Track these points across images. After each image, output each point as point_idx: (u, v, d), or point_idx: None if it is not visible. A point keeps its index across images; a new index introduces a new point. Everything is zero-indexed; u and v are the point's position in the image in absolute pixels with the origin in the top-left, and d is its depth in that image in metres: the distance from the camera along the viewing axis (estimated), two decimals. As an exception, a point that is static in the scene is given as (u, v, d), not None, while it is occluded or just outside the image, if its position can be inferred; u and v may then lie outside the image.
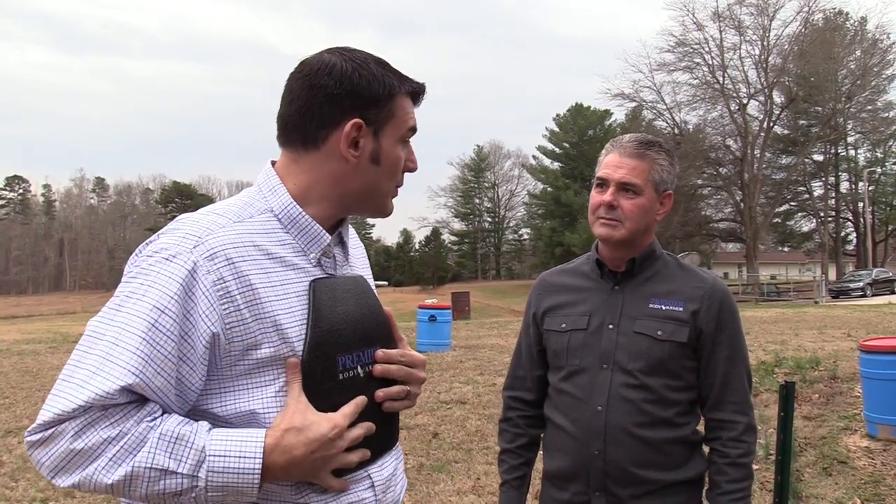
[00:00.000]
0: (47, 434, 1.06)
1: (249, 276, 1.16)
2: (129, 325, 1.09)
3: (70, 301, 72.47)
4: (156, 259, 1.14)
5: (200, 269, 1.12)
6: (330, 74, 1.23)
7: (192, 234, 1.16)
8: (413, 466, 5.84)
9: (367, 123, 1.25)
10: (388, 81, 1.26)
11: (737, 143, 48.08)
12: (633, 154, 1.88)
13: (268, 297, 1.17)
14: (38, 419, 1.08)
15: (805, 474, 5.35)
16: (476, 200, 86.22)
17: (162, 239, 1.17)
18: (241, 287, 1.15)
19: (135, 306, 1.10)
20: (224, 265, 1.14)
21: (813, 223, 56.36)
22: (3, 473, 6.05)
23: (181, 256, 1.13)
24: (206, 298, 1.12)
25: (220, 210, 1.25)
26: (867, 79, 45.12)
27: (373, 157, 1.26)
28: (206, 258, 1.13)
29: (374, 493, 1.27)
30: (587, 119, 67.62)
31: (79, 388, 1.06)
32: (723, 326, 1.88)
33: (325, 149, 1.25)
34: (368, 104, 1.24)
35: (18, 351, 16.29)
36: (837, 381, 8.45)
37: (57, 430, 1.06)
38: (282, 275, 1.21)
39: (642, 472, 1.82)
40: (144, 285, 1.12)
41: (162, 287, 1.11)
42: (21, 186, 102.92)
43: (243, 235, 1.19)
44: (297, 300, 1.21)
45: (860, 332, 13.11)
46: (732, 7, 45.54)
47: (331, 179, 1.27)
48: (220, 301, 1.13)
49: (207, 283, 1.12)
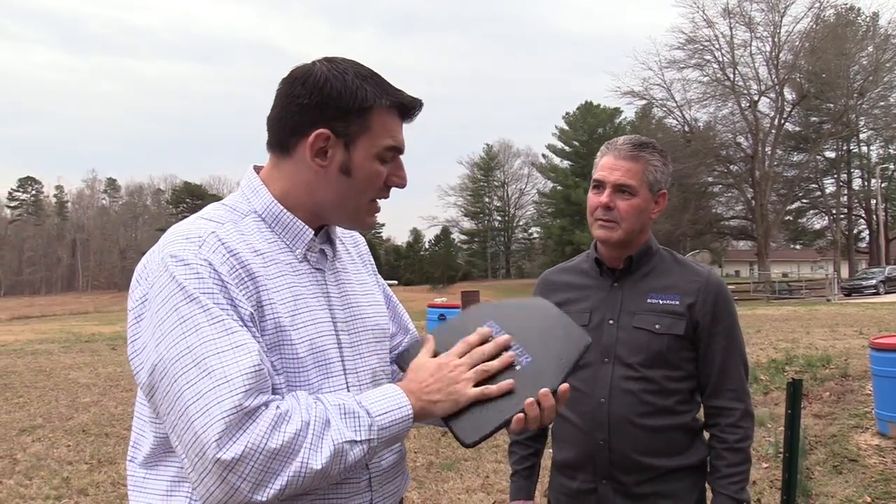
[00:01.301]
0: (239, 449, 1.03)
1: (250, 266, 1.21)
2: (209, 321, 1.11)
3: (83, 301, 72.96)
4: (178, 270, 1.15)
5: (214, 262, 1.17)
6: (304, 84, 1.25)
7: (192, 237, 1.20)
8: (422, 464, 5.86)
9: (337, 135, 1.25)
10: (363, 94, 1.25)
11: (748, 141, 47.83)
12: (628, 156, 1.94)
13: (266, 287, 1.22)
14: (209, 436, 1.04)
15: (815, 472, 5.34)
16: (486, 199, 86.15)
17: (166, 253, 1.18)
18: (248, 274, 1.20)
19: (195, 308, 1.12)
20: (230, 256, 1.19)
21: (825, 220, 56.07)
22: (17, 472, 6.12)
23: (194, 258, 1.16)
24: (231, 285, 1.17)
25: (208, 215, 1.28)
26: (879, 75, 44.72)
27: (343, 168, 1.27)
28: (213, 252, 1.18)
29: (370, 484, 1.29)
30: (597, 117, 67.39)
31: (226, 384, 1.06)
32: (718, 318, 1.94)
33: (295, 156, 1.28)
34: (336, 115, 1.24)
35: (32, 351, 16.43)
36: (848, 379, 8.42)
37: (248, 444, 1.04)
38: (272, 268, 1.25)
39: (646, 459, 1.88)
40: (186, 291, 1.13)
41: (203, 288, 1.14)
42: (34, 188, 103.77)
43: (233, 234, 1.24)
44: (287, 292, 1.25)
45: (872, 330, 13.04)
46: (743, 3, 45.36)
47: (305, 187, 1.29)
48: (240, 286, 1.18)
49: (225, 272, 1.17)
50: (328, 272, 1.35)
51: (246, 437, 1.05)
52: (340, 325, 1.31)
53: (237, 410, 1.05)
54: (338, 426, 1.13)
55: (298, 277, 1.28)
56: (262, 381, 1.10)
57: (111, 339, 19.64)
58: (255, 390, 1.08)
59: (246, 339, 1.12)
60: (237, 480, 1.05)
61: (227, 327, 1.12)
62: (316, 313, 1.27)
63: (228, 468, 1.04)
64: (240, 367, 1.08)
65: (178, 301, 1.13)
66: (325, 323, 1.28)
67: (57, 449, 6.91)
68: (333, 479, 1.15)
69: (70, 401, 9.50)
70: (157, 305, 1.15)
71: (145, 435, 1.24)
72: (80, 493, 5.50)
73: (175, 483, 1.20)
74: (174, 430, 1.10)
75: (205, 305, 1.12)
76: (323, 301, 1.30)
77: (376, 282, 1.52)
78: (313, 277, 1.31)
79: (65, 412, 8.74)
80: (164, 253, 1.19)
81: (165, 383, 1.11)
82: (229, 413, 1.05)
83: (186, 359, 1.09)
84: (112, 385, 10.73)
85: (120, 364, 13.06)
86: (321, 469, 1.09)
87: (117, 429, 7.73)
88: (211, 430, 1.04)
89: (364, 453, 1.16)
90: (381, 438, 1.17)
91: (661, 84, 48.29)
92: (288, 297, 1.24)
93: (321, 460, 1.09)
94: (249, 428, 1.05)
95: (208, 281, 1.15)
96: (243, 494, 1.05)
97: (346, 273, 1.40)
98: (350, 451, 1.13)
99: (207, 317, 1.12)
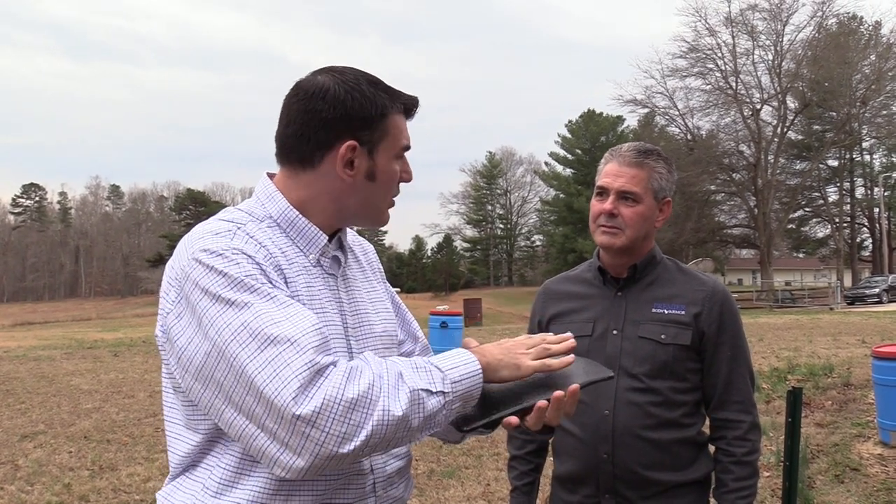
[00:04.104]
0: (317, 402, 1.03)
1: (277, 260, 1.25)
2: (260, 297, 1.12)
3: (85, 307, 73.02)
4: (211, 261, 1.16)
5: (248, 251, 1.19)
6: (324, 99, 1.27)
7: (221, 232, 1.22)
8: (423, 472, 5.86)
9: (361, 144, 1.29)
10: (381, 102, 1.29)
11: (750, 149, 47.78)
12: (632, 163, 1.92)
13: (292, 281, 1.25)
14: (286, 394, 1.03)
15: (817, 481, 5.32)
16: (488, 207, 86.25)
17: (198, 246, 1.19)
18: (275, 267, 1.23)
19: (244, 287, 1.13)
20: (260, 247, 1.23)
21: (828, 229, 55.91)
22: (19, 478, 6.13)
23: (228, 249, 1.18)
24: (269, 269, 1.19)
25: (226, 217, 1.31)
26: (882, 83, 44.68)
27: (368, 174, 1.31)
28: (245, 243, 1.21)
29: (374, 489, 1.30)
30: (599, 125, 67.50)
31: (293, 344, 1.06)
32: (724, 328, 1.91)
33: (321, 169, 1.30)
34: (362, 126, 1.28)
35: (35, 357, 16.44)
36: (851, 387, 8.41)
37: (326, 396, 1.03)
38: (294, 267, 1.27)
39: (651, 473, 1.85)
40: (224, 278, 1.14)
41: (242, 273, 1.15)
42: (37, 194, 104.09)
43: (256, 232, 1.26)
44: (306, 291, 1.27)
45: (875, 339, 13.00)
46: (745, 12, 45.35)
47: (328, 196, 1.31)
48: (276, 271, 1.21)
49: (260, 258, 1.20)
50: (340, 278, 1.37)
51: (322, 391, 1.04)
52: (350, 330, 1.33)
53: (309, 367, 1.05)
54: (411, 376, 1.14)
55: (313, 279, 1.30)
56: (325, 342, 1.11)
57: (113, 345, 19.66)
58: (322, 349, 1.09)
59: (300, 308, 1.13)
60: (320, 435, 1.04)
61: (280, 301, 1.13)
62: (329, 316, 1.29)
63: (310, 423, 1.03)
64: (303, 328, 1.09)
65: (221, 287, 1.14)
66: (336, 326, 1.30)
67: (58, 455, 6.91)
68: (417, 435, 1.15)
69: (72, 407, 9.50)
70: (197, 297, 1.15)
71: (182, 438, 1.26)
72: (82, 500, 5.50)
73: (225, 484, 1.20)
74: (241, 410, 1.08)
75: (251, 286, 1.14)
76: (335, 305, 1.32)
77: (385, 289, 1.54)
78: (326, 282, 1.33)
79: (66, 418, 8.74)
80: (195, 249, 1.19)
81: (223, 367, 1.09)
82: (301, 370, 1.04)
83: (243, 335, 1.08)
84: (114, 391, 10.74)
85: (121, 371, 13.07)
86: (402, 415, 1.09)
87: (119, 435, 7.74)
88: (286, 391, 1.03)
89: (441, 406, 1.15)
90: (456, 392, 1.17)
91: (664, 92, 48.40)
92: (306, 297, 1.26)
93: (401, 406, 1.09)
94: (324, 383, 1.05)
95: (247, 266, 1.16)
96: (329, 448, 1.04)
97: (356, 280, 1.42)
98: (427, 399, 1.13)
99: (256, 295, 1.13)
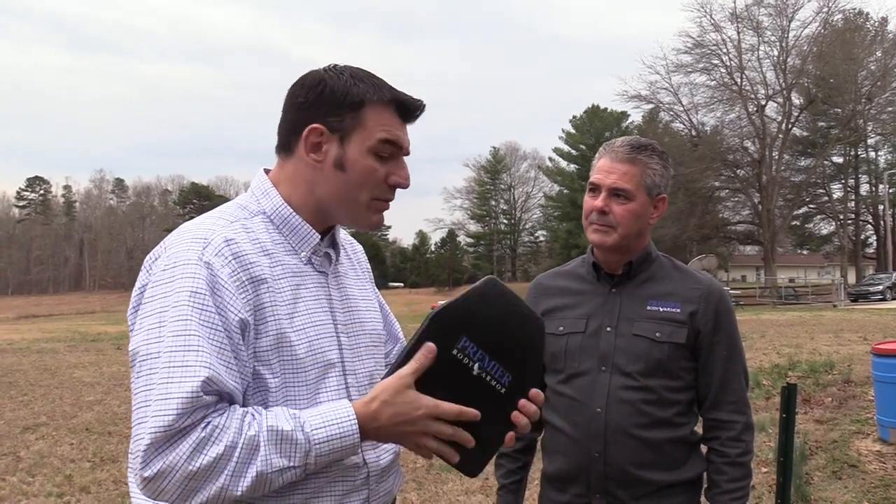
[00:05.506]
0: (157, 467, 1.08)
1: (252, 269, 1.23)
2: (178, 331, 1.14)
3: (90, 301, 73.27)
4: (175, 270, 1.19)
5: (214, 265, 1.19)
6: (303, 85, 1.31)
7: (197, 238, 1.22)
8: (422, 465, 5.87)
9: (331, 130, 1.28)
10: (355, 90, 1.28)
11: (755, 145, 47.58)
12: (625, 159, 1.87)
13: (270, 289, 1.24)
14: (138, 448, 1.09)
15: (815, 477, 5.33)
16: (492, 202, 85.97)
17: (171, 251, 1.22)
18: (249, 278, 1.22)
19: (176, 314, 1.15)
20: (232, 259, 1.21)
21: (832, 226, 55.67)
22: (20, 469, 6.17)
23: (195, 259, 1.19)
24: (228, 290, 1.18)
25: (218, 214, 1.32)
26: (888, 80, 44.45)
27: (336, 163, 1.29)
28: (215, 255, 1.20)
29: (367, 481, 1.31)
30: (603, 121, 67.30)
31: (163, 401, 1.09)
32: (720, 326, 1.89)
33: (296, 154, 1.32)
34: (331, 112, 1.28)
35: (38, 349, 16.52)
36: (851, 384, 8.41)
37: (167, 463, 1.08)
38: (277, 269, 1.27)
39: (642, 472, 1.82)
40: (174, 293, 1.17)
41: (192, 290, 1.16)
42: (42, 187, 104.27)
43: (240, 233, 1.26)
44: (289, 293, 1.27)
45: (877, 336, 12.98)
46: (750, 8, 45.13)
47: (306, 184, 1.32)
48: (239, 290, 1.20)
49: (224, 276, 1.19)
50: (331, 276, 1.37)
51: (166, 458, 1.08)
52: (341, 327, 1.34)
53: (165, 430, 1.08)
54: (268, 454, 1.12)
55: (302, 279, 1.30)
56: (199, 402, 1.10)
57: (117, 338, 19.72)
58: (190, 411, 1.10)
59: (201, 359, 1.12)
60: (161, 493, 1.10)
61: (188, 344, 1.13)
62: (317, 315, 1.30)
63: (152, 482, 1.09)
64: (181, 389, 1.10)
65: (166, 300, 1.17)
66: (326, 325, 1.31)
67: (60, 447, 6.95)
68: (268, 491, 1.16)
69: (74, 399, 9.56)
70: (147, 297, 1.20)
71: None
72: (83, 491, 5.53)
73: None
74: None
75: (182, 312, 1.15)
76: (325, 304, 1.33)
77: (373, 289, 1.55)
78: (316, 280, 1.33)
79: (69, 410, 8.79)
80: (171, 250, 1.22)
81: (133, 374, 1.18)
82: (157, 431, 1.08)
83: (146, 364, 1.15)
84: (116, 384, 10.79)
85: (124, 364, 13.11)
86: (240, 495, 1.11)
87: (120, 427, 7.78)
88: (140, 444, 1.10)
89: (295, 475, 1.16)
90: (320, 456, 1.16)
91: (668, 88, 48.15)
92: (290, 299, 1.26)
93: (242, 487, 1.11)
94: (171, 448, 1.09)
95: (201, 282, 1.17)
96: (171, 500, 1.11)
97: (347, 278, 1.43)
98: (277, 478, 1.14)
99: (179, 326, 1.14)
